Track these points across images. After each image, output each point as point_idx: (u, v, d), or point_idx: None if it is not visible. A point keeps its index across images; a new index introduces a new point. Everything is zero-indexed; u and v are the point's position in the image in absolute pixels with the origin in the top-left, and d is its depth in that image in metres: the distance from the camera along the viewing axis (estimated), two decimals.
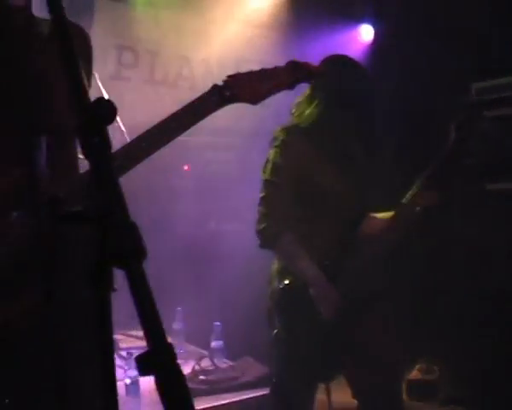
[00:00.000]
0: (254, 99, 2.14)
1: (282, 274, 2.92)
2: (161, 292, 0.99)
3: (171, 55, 5.08)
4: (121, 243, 0.92)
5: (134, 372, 3.53)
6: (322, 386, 3.19)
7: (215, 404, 3.71)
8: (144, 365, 0.90)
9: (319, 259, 2.84)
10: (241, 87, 2.09)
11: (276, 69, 2.17)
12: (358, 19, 5.69)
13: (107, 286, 1.00)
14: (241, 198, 4.57)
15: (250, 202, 3.15)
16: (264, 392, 3.75)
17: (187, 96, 4.99)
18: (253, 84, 2.10)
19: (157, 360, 0.89)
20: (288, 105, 3.49)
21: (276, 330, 2.89)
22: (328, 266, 2.85)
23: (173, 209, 4.80)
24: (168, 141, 1.97)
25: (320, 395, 3.17)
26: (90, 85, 1.93)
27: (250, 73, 2.14)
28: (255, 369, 4.18)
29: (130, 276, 0.91)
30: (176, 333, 4.40)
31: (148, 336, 0.89)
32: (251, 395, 3.92)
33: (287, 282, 2.88)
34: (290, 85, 2.21)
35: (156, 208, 4.64)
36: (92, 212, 0.96)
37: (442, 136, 2.98)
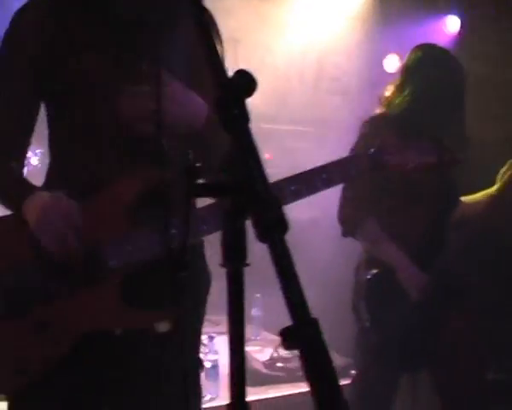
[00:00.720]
0: (395, 170, 2.05)
1: (370, 264, 2.89)
2: None
3: (254, 44, 5.06)
4: (265, 215, 0.90)
5: (214, 356, 3.56)
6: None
7: (293, 392, 3.72)
8: (289, 339, 0.88)
9: (409, 249, 2.80)
10: (392, 156, 2.01)
11: (421, 146, 2.08)
12: (444, 10, 5.57)
13: (242, 260, 1.00)
14: None
15: (330, 191, 3.11)
16: (342, 382, 3.72)
17: (270, 85, 4.99)
18: (402, 156, 2.02)
19: (302, 335, 0.87)
20: (361, 94, 3.40)
21: (363, 321, 2.87)
22: (417, 256, 2.81)
23: None
24: (310, 194, 1.88)
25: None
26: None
27: (400, 145, 2.04)
28: (333, 359, 4.16)
29: (273, 248, 0.89)
30: (254, 320, 4.41)
31: (293, 310, 0.88)
32: None
33: (374, 272, 2.85)
34: (433, 168, 2.12)
35: None
36: (232, 183, 0.96)
37: None
